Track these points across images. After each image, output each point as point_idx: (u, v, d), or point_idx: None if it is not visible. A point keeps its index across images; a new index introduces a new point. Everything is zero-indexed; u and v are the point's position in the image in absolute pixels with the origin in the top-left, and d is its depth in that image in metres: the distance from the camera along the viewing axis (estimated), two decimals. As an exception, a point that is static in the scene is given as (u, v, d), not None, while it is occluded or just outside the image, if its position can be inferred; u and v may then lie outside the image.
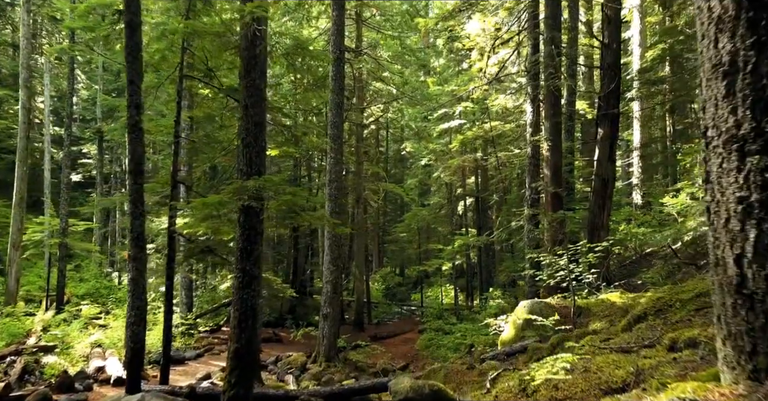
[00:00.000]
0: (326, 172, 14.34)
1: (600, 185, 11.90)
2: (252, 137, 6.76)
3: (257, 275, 6.68)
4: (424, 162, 27.40)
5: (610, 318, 7.20)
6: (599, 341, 4.89)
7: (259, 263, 6.71)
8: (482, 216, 24.47)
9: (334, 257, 13.93)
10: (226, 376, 6.42)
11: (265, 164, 6.93)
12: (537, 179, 12.90)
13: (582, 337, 6.43)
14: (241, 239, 6.63)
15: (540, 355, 6.61)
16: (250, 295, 6.56)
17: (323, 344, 13.72)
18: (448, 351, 15.56)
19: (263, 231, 6.81)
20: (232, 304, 6.60)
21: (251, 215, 6.61)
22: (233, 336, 6.49)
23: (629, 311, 7.31)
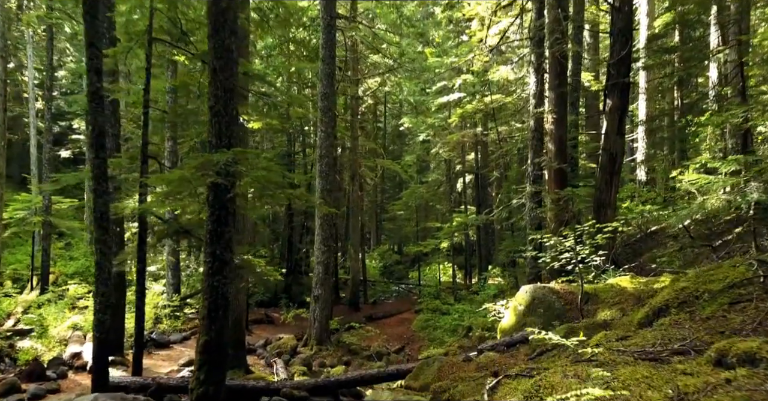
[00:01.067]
0: (317, 147, 13.55)
1: (607, 160, 11.13)
2: (222, 105, 5.98)
3: (229, 260, 5.98)
4: (422, 138, 26.54)
5: (621, 307, 6.54)
6: (615, 339, 4.20)
7: (231, 246, 6.00)
8: (482, 193, 23.75)
9: (325, 237, 13.25)
10: (194, 372, 5.77)
11: (239, 136, 6.17)
12: (540, 155, 12.12)
13: (591, 329, 5.77)
14: (210, 220, 5.91)
15: (544, 348, 5.96)
16: (221, 282, 5.87)
17: (314, 327, 13.16)
18: (444, 333, 15.03)
19: (235, 211, 6.09)
20: (201, 292, 5.92)
21: (221, 194, 5.88)
22: (202, 328, 5.82)
23: (642, 298, 6.65)
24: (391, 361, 13.08)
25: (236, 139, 6.10)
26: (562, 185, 11.50)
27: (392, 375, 7.15)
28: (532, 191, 11.97)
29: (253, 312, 18.36)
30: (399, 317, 19.16)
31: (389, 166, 22.58)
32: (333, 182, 13.56)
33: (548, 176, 11.69)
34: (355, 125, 20.46)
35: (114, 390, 7.22)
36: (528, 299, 7.63)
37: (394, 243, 37.26)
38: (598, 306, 6.99)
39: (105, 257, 7.09)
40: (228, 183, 5.75)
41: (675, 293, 4.72)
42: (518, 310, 7.73)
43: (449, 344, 13.50)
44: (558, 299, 7.40)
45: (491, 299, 15.35)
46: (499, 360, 6.21)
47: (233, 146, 5.97)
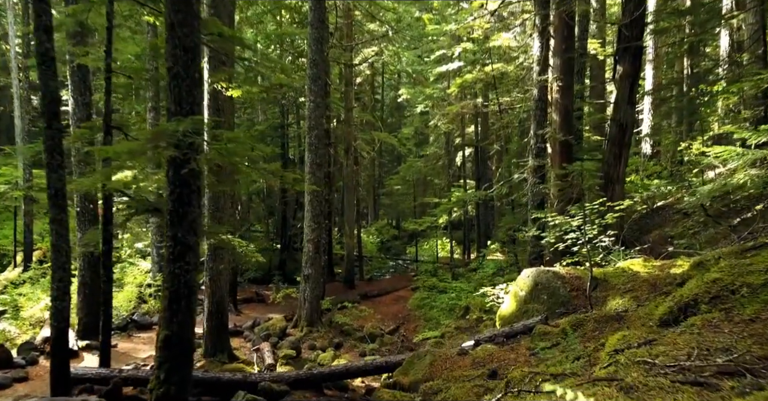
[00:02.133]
0: (306, 118, 12.71)
1: (617, 132, 10.34)
2: (181, 66, 5.16)
3: (193, 244, 5.26)
4: (420, 109, 25.58)
5: (635, 295, 5.86)
6: (637, 343, 3.51)
7: (195, 228, 5.28)
8: (482, 167, 22.96)
9: (315, 214, 12.54)
10: (154, 371, 5.12)
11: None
12: (543, 126, 11.31)
13: (602, 323, 5.10)
14: (171, 200, 5.17)
15: (549, 342, 5.31)
16: (184, 269, 5.17)
17: (305, 307, 12.57)
18: (441, 313, 14.48)
19: (200, 189, 5.35)
20: (162, 280, 5.23)
21: (182, 169, 5.12)
22: (162, 321, 5.15)
23: (658, 285, 5.97)
24: (384, 343, 12.54)
25: (199, 106, 5.31)
26: (568, 159, 10.75)
27: (380, 367, 6.54)
28: (534, 166, 11.20)
29: (243, 290, 17.82)
30: (395, 294, 18.61)
31: (385, 139, 21.72)
32: (324, 155, 12.78)
33: (552, 148, 10.92)
34: (349, 96, 19.53)
35: (77, 383, 6.62)
36: (530, 284, 6.96)
37: (392, 218, 36.62)
38: (608, 293, 6.32)
39: (62, 239, 6.39)
40: (188, 157, 4.98)
41: (705, 286, 4.02)
42: (519, 296, 7.07)
43: (446, 325, 12.95)
44: (563, 285, 6.73)
45: (490, 278, 14.76)
46: (498, 354, 5.57)
47: (196, 114, 5.18)
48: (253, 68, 8.41)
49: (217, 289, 9.64)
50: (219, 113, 9.51)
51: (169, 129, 4.68)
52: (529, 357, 5.24)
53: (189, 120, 4.86)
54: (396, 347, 12.42)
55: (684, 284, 5.40)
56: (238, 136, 5.21)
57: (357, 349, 12.02)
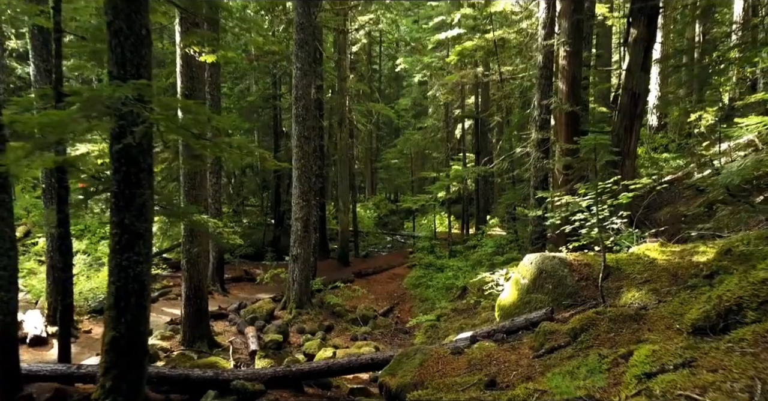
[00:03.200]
0: (293, 87, 11.82)
1: (628, 102, 9.50)
2: (123, 20, 4.33)
3: (143, 231, 4.52)
4: (418, 79, 24.52)
5: (654, 286, 5.15)
6: (673, 363, 2.80)
7: (146, 213, 4.53)
8: (482, 140, 22.08)
9: (304, 191, 11.78)
10: (98, 378, 4.44)
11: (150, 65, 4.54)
12: (548, 95, 10.44)
13: (619, 323, 4.40)
14: (116, 180, 4.41)
15: (556, 343, 4.62)
16: (133, 261, 4.44)
17: (293, 289, 11.94)
18: (437, 293, 13.87)
19: (151, 167, 4.57)
20: (108, 273, 4.51)
21: (129, 144, 4.34)
22: (108, 320, 4.44)
23: (679, 275, 5.26)
24: (377, 325, 11.95)
25: (147, 69, 4.49)
26: (574, 132, 9.92)
27: (365, 365, 5.88)
28: (538, 139, 10.38)
29: (233, 268, 17.21)
30: (390, 272, 18.00)
31: (381, 110, 20.78)
32: (312, 127, 11.94)
33: (557, 120, 10.08)
34: (342, 64, 18.52)
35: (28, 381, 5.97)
36: (533, 271, 6.25)
37: (390, 192, 35.87)
38: (622, 284, 5.61)
39: (3, 222, 5.64)
40: (134, 130, 4.19)
41: (751, 288, 3.29)
42: (521, 284, 6.37)
43: (442, 307, 12.35)
44: (570, 274, 6.02)
45: (489, 257, 14.11)
46: (498, 355, 4.89)
47: (144, 78, 4.37)
48: (228, 30, 7.49)
49: (195, 273, 8.96)
50: (193, 81, 8.66)
51: (105, 95, 3.87)
52: (532, 361, 4.56)
53: (131, 85, 4.05)
54: (389, 330, 11.84)
55: (713, 276, 4.69)
56: (194, 105, 4.41)
57: (348, 332, 11.44)
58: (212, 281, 13.89)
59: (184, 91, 8.60)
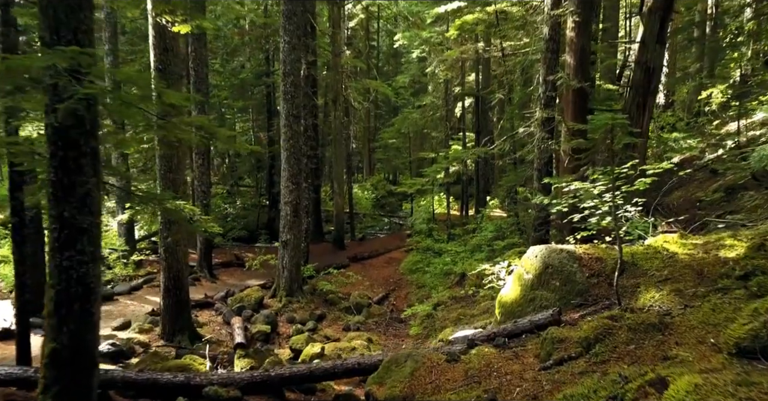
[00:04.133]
0: (281, 62, 11.06)
1: (642, 77, 8.78)
2: (56, -25, 3.62)
3: (88, 225, 3.88)
4: (416, 55, 23.59)
5: (676, 286, 4.53)
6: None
7: (91, 204, 3.88)
8: (482, 119, 21.31)
9: (293, 173, 11.11)
10: (37, 396, 3.84)
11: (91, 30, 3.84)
12: (555, 71, 9.69)
13: (640, 333, 3.79)
14: (53, 167, 3.75)
15: (564, 353, 4.03)
16: (76, 261, 3.81)
17: (283, 276, 11.37)
18: (435, 279, 13.32)
19: (96, 151, 3.91)
20: (47, 276, 3.88)
21: (67, 124, 3.67)
22: (48, 329, 3.83)
23: (704, 273, 4.64)
24: (371, 314, 11.42)
25: (88, 34, 3.79)
26: (582, 110, 9.22)
27: (351, 370, 5.31)
28: (543, 117, 9.66)
29: (223, 253, 16.65)
30: (387, 256, 17.45)
31: (378, 87, 19.98)
32: (300, 105, 11.21)
33: (564, 98, 9.36)
34: (337, 39, 17.65)
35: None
36: (538, 266, 5.63)
37: (389, 172, 35.13)
38: (638, 282, 4.99)
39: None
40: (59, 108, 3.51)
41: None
42: (524, 279, 5.76)
43: (439, 293, 11.81)
44: (580, 269, 5.41)
45: (488, 242, 13.51)
46: (499, 364, 4.31)
47: (84, 46, 3.67)
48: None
49: (174, 262, 8.36)
50: (167, 54, 7.92)
51: (26, 65, 3.19)
52: (538, 373, 3.97)
53: (62, 53, 3.36)
54: (384, 319, 11.32)
55: (748, 277, 4.07)
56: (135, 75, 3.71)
57: (341, 322, 10.92)
58: (199, 267, 13.34)
59: (157, 65, 7.88)
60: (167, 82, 7.92)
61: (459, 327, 9.03)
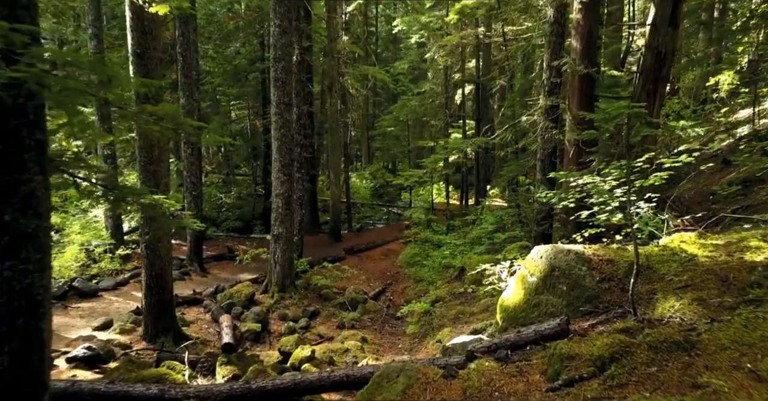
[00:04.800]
0: (271, 47, 10.51)
1: (652, 62, 8.23)
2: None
3: (34, 230, 3.40)
4: (414, 40, 22.95)
5: (699, 295, 4.07)
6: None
7: (37, 206, 3.40)
8: (483, 106, 20.73)
9: (285, 164, 10.62)
10: (-23, 424, 3.40)
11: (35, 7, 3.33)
12: (560, 55, 9.16)
13: (663, 353, 3.33)
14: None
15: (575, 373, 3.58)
16: (20, 271, 3.34)
17: (275, 271, 10.94)
18: (433, 273, 12.89)
19: (43, 144, 3.42)
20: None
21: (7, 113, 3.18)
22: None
23: (729, 279, 4.17)
24: (367, 310, 11.01)
25: (29, 11, 3.28)
26: (589, 98, 8.70)
27: (339, 383, 4.87)
28: (547, 105, 9.16)
29: (215, 245, 16.21)
30: (384, 248, 17.04)
31: (375, 73, 19.37)
32: (295, 93, 10.68)
33: (570, 84, 8.84)
34: (332, 24, 17.03)
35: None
36: (543, 268, 5.17)
37: (388, 161, 34.60)
38: (655, 287, 4.53)
39: None
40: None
41: None
42: (528, 282, 5.29)
43: (438, 289, 11.38)
44: (590, 272, 4.94)
45: (489, 235, 13.06)
46: (501, 382, 3.86)
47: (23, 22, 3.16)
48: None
49: (156, 259, 7.89)
50: (146, 37, 7.39)
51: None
52: (546, 395, 3.53)
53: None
54: (380, 315, 10.90)
55: (784, 288, 3.59)
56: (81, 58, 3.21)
57: (335, 319, 10.50)
58: (189, 261, 12.90)
59: (136, 49, 7.36)
60: (146, 67, 7.42)
61: (458, 327, 8.61)
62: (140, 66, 7.37)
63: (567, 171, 9.00)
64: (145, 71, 7.39)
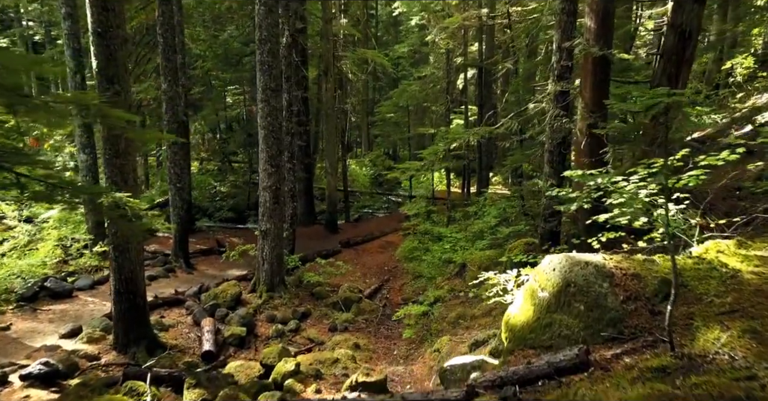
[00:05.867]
0: (256, 27, 9.69)
1: (675, 42, 7.41)
2: None
3: None
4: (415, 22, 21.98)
5: (749, 324, 3.34)
6: None
7: None
8: (486, 91, 19.84)
9: (272, 155, 9.86)
10: None
11: None
12: (572, 36, 8.31)
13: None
14: None
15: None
16: None
17: (263, 269, 10.25)
18: (433, 269, 12.17)
19: None
20: None
21: None
22: None
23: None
24: (361, 310, 10.35)
25: None
26: (604, 82, 7.89)
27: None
28: (557, 91, 8.33)
29: (206, 238, 15.49)
30: (383, 240, 16.34)
31: (373, 57, 18.47)
32: (279, 77, 9.87)
33: (583, 67, 8.00)
34: (328, 4, 16.11)
35: None
36: (557, 282, 4.43)
37: (388, 147, 33.70)
38: (692, 311, 3.79)
39: None
40: None
41: None
42: (539, 298, 4.56)
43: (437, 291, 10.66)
44: (612, 290, 4.20)
45: (492, 230, 12.32)
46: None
47: None
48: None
49: (126, 262, 7.18)
50: (108, 14, 6.58)
51: None
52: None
53: None
54: (376, 316, 10.23)
55: None
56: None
57: (327, 320, 9.84)
58: (174, 256, 12.20)
59: (96, 27, 6.55)
60: (109, 48, 6.63)
61: (458, 334, 7.92)
62: (101, 46, 6.58)
63: (578, 164, 8.23)
64: (107, 53, 6.60)
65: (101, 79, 6.72)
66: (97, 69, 6.70)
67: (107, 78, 6.71)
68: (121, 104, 6.85)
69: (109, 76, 6.71)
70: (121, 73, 6.79)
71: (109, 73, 6.71)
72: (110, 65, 6.69)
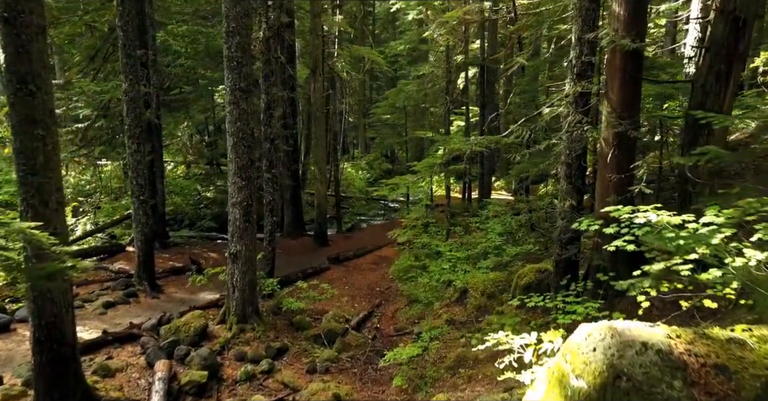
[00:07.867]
0: (223, 17, 8.32)
1: (726, 33, 6.06)
2: None
3: None
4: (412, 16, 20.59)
5: None
6: None
7: None
8: (488, 91, 18.47)
9: (241, 165, 8.48)
10: None
11: None
12: (592, 27, 6.94)
13: None
14: None
15: None
16: None
17: (233, 297, 8.89)
18: (430, 292, 10.75)
19: None
20: None
21: None
22: None
23: None
24: (347, 345, 9.00)
25: None
26: (635, 81, 6.51)
27: None
28: (576, 92, 6.95)
29: (180, 253, 14.13)
30: (376, 254, 14.98)
31: (368, 54, 17.12)
32: (250, 76, 8.50)
33: (610, 63, 6.60)
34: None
35: None
36: (601, 370, 3.06)
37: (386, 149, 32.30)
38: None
39: None
40: None
41: None
42: (573, 389, 3.19)
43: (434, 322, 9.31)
44: (686, 389, 2.82)
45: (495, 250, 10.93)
46: None
47: None
48: None
49: (47, 303, 5.80)
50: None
51: None
52: None
53: None
54: (363, 352, 8.86)
55: None
56: None
57: (305, 359, 8.45)
58: (138, 279, 10.84)
59: (2, 12, 5.20)
60: (20, 37, 5.28)
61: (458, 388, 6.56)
62: (10, 36, 5.23)
63: (602, 181, 6.85)
64: (19, 42, 5.26)
65: (11, 78, 5.38)
66: (5, 65, 5.35)
67: (18, 76, 5.36)
68: (38, 106, 5.53)
69: (20, 73, 5.37)
70: (36, 69, 5.44)
71: (21, 70, 5.37)
72: (22, 60, 5.34)
